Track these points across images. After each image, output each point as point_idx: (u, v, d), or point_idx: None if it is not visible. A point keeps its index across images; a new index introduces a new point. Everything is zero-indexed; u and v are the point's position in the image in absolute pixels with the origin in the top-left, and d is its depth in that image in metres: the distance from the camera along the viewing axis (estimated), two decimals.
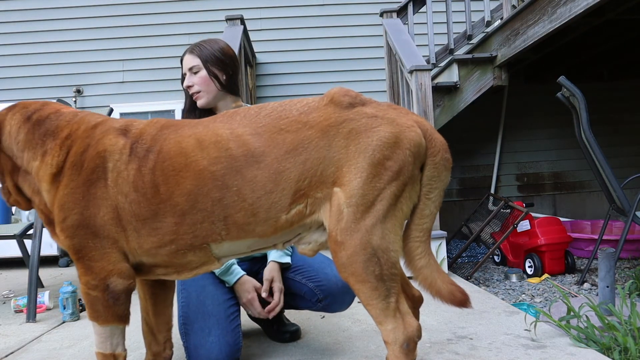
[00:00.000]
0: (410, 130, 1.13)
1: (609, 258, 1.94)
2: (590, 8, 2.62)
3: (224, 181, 1.14)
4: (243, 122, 1.18)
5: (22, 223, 2.51)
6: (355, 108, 1.14)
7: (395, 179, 1.09)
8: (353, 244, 1.08)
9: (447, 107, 3.70)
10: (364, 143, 1.09)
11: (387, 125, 1.11)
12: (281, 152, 1.12)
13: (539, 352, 1.56)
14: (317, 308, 1.66)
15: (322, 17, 4.96)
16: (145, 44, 4.84)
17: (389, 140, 1.10)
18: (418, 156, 1.13)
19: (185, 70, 1.68)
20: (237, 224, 1.15)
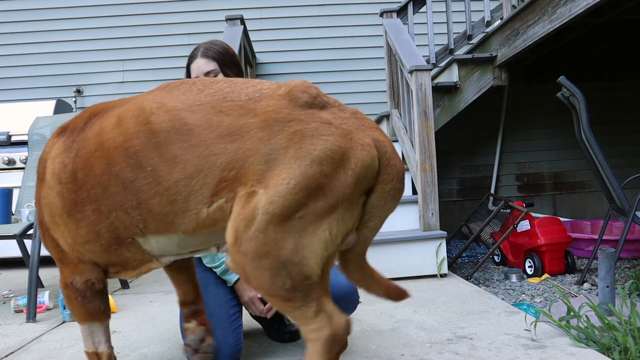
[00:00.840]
0: (362, 149, 0.98)
1: (609, 258, 1.94)
2: (590, 8, 2.62)
3: (137, 159, 1.03)
4: (181, 96, 1.06)
5: (22, 223, 2.51)
6: (311, 109, 1.01)
7: (325, 198, 0.95)
8: (258, 256, 0.95)
9: (447, 107, 3.70)
10: (305, 150, 0.95)
11: (338, 137, 0.97)
12: (213, 134, 0.99)
13: (539, 352, 1.56)
14: None
15: (322, 17, 4.96)
16: (145, 44, 4.84)
17: (334, 154, 0.95)
18: (363, 179, 0.98)
19: (199, 75, 1.65)
20: (153, 214, 1.04)
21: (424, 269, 2.78)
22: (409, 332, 1.84)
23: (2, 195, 2.59)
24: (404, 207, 3.05)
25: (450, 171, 4.88)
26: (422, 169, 2.92)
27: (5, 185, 3.62)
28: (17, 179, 3.50)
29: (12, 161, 3.95)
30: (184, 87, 1.09)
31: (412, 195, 3.19)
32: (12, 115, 4.12)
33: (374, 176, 1.01)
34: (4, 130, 4.01)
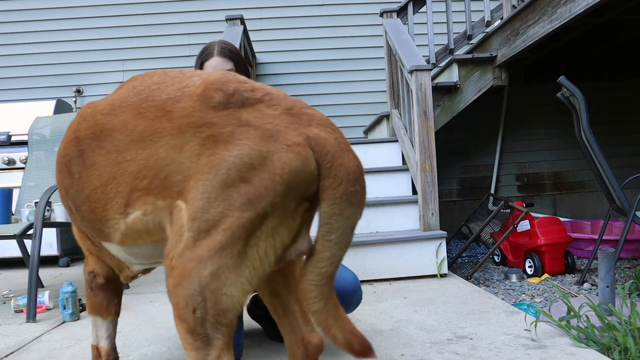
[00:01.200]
0: (289, 151, 0.85)
1: (609, 258, 1.94)
2: (590, 8, 2.62)
3: (69, 167, 1.04)
4: (117, 96, 1.02)
5: (22, 223, 2.51)
6: (226, 110, 0.88)
7: (250, 209, 0.83)
8: (181, 273, 0.85)
9: (447, 107, 3.70)
10: (219, 157, 0.85)
11: (257, 139, 0.85)
12: (126, 140, 0.93)
13: (539, 352, 1.56)
14: None
15: (322, 17, 4.96)
16: (145, 44, 4.84)
17: (252, 160, 0.84)
18: (295, 185, 0.85)
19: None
20: (85, 220, 1.02)
21: (424, 269, 2.78)
22: (409, 332, 1.84)
23: (2, 195, 2.59)
24: (404, 207, 3.06)
25: (450, 171, 4.88)
26: (422, 169, 2.92)
27: (5, 185, 3.63)
28: (17, 179, 3.50)
29: (12, 161, 3.96)
30: (129, 84, 1.04)
31: (412, 195, 3.20)
32: (12, 115, 4.12)
33: (313, 180, 0.87)
34: (4, 130, 4.02)
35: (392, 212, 3.05)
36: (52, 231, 3.83)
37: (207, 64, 1.65)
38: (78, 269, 3.73)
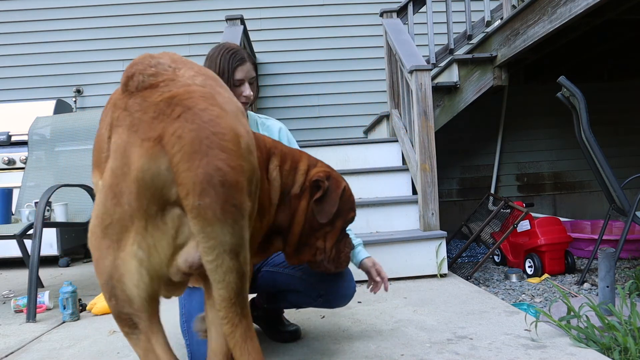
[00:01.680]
0: (140, 147, 0.78)
1: (609, 258, 1.94)
2: (590, 8, 2.62)
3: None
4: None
5: (22, 223, 2.51)
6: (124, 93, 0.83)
7: (119, 205, 0.81)
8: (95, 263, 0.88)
9: (447, 107, 3.70)
10: (96, 149, 0.86)
11: (125, 129, 0.80)
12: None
13: (539, 352, 1.56)
14: (318, 304, 1.66)
15: (322, 17, 4.96)
16: (145, 44, 4.84)
17: (115, 153, 0.80)
18: (144, 185, 0.78)
19: (244, 78, 1.67)
20: None
21: (424, 269, 2.78)
22: (409, 332, 1.84)
23: (2, 195, 2.59)
24: (404, 207, 3.06)
25: (450, 171, 4.88)
26: (422, 169, 2.92)
27: (5, 185, 3.63)
28: (17, 179, 3.50)
29: (12, 161, 3.96)
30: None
31: (412, 195, 3.20)
32: (12, 115, 4.12)
33: (164, 184, 0.78)
34: (4, 130, 4.02)
35: (392, 212, 3.04)
36: (52, 231, 3.83)
37: (240, 69, 1.67)
38: (78, 269, 3.73)
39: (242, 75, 1.67)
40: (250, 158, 0.81)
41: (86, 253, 4.41)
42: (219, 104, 0.82)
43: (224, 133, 0.77)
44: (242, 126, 0.83)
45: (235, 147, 0.77)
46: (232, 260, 0.78)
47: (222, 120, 0.78)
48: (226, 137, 0.76)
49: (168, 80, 0.82)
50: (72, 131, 3.07)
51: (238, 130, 0.79)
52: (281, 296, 1.69)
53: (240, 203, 0.76)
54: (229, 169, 0.74)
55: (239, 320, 0.84)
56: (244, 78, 1.67)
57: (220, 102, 0.83)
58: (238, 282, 0.80)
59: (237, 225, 0.76)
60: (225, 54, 1.68)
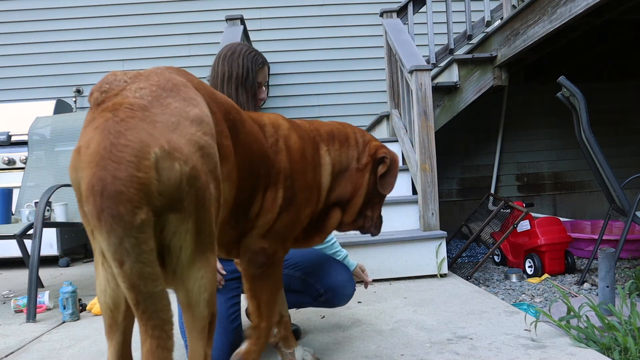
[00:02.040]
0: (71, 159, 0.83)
1: (609, 258, 1.94)
2: (590, 8, 2.62)
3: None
4: None
5: (22, 223, 2.51)
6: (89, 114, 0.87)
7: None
8: None
9: (447, 107, 3.70)
10: None
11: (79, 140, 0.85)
12: None
13: (539, 352, 1.56)
14: (318, 303, 1.67)
15: (322, 17, 4.96)
16: (145, 44, 4.84)
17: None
18: (79, 197, 0.81)
19: (262, 81, 1.72)
20: None
21: (424, 269, 2.78)
22: (409, 332, 1.84)
23: (2, 195, 2.59)
24: (404, 207, 3.05)
25: (450, 171, 4.88)
26: (422, 169, 2.92)
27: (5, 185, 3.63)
28: (17, 179, 3.50)
29: (12, 161, 3.95)
30: None
31: (412, 195, 3.19)
32: (12, 115, 4.12)
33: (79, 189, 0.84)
34: (4, 130, 4.02)
35: (392, 212, 3.04)
36: (52, 231, 3.83)
37: (261, 71, 1.71)
38: (78, 269, 3.73)
39: (262, 78, 1.72)
40: (165, 171, 0.80)
41: (86, 253, 4.41)
42: (144, 116, 0.82)
43: (126, 145, 0.77)
44: (167, 136, 0.82)
45: (133, 158, 0.76)
46: (117, 269, 0.76)
47: (133, 131, 0.79)
48: (126, 149, 0.76)
49: (113, 95, 0.85)
50: (72, 131, 3.07)
51: (148, 142, 0.79)
52: None
53: (120, 213, 0.74)
54: (112, 180, 0.74)
55: (144, 339, 0.82)
56: (262, 81, 1.72)
57: (153, 113, 0.83)
58: (130, 294, 0.78)
59: (113, 235, 0.75)
60: (248, 55, 1.69)
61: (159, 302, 0.80)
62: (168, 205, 0.81)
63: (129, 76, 0.92)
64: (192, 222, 0.84)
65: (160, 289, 0.80)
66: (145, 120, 0.81)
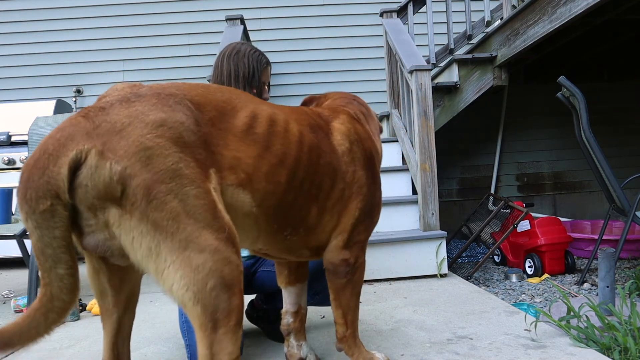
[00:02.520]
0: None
1: (609, 258, 1.94)
2: (590, 8, 2.62)
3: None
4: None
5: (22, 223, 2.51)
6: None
7: None
8: None
9: (447, 107, 3.70)
10: None
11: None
12: None
13: (539, 352, 1.56)
14: (315, 302, 1.67)
15: (322, 17, 4.96)
16: (145, 44, 4.84)
17: None
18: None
19: (266, 81, 1.75)
20: None
21: (424, 269, 2.78)
22: (409, 332, 1.84)
23: (2, 195, 2.59)
24: (404, 207, 3.05)
25: (450, 171, 4.88)
26: (422, 169, 2.92)
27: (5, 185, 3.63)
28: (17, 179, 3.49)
29: (12, 161, 3.95)
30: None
31: (412, 195, 3.19)
32: (12, 115, 4.12)
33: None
34: (4, 130, 4.01)
35: (392, 212, 3.04)
36: None
37: (265, 71, 1.74)
38: None
39: (266, 78, 1.74)
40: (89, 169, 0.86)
41: None
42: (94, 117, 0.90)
43: (58, 139, 0.87)
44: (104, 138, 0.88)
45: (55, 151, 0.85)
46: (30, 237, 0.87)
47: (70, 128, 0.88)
48: (55, 143, 0.86)
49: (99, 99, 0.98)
50: None
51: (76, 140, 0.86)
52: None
53: (27, 197, 0.84)
54: (31, 167, 0.85)
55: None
56: (266, 81, 1.74)
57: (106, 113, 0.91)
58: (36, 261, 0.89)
59: (23, 211, 0.85)
60: (253, 54, 1.71)
61: (56, 281, 0.87)
62: (101, 200, 0.87)
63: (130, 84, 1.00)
64: (137, 220, 0.87)
65: (60, 272, 0.87)
66: (92, 120, 0.89)
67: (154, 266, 0.89)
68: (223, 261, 0.91)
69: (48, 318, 0.87)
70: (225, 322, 0.91)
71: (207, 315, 0.90)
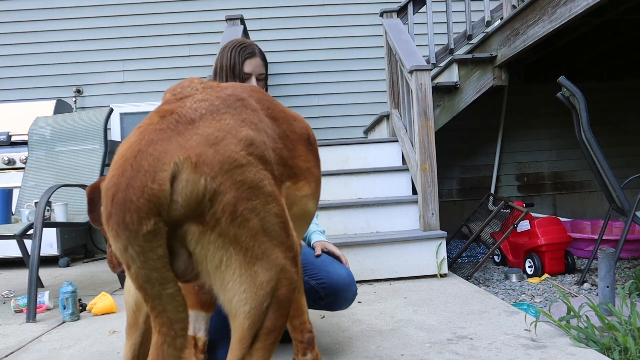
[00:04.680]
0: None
1: (609, 258, 1.94)
2: (590, 8, 2.62)
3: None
4: None
5: (22, 223, 2.51)
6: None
7: None
8: None
9: (447, 107, 3.70)
10: None
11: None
12: None
13: (539, 352, 1.56)
14: (319, 306, 1.66)
15: (322, 17, 4.96)
16: (145, 44, 4.84)
17: None
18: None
19: (252, 72, 1.71)
20: None
21: (424, 269, 2.78)
22: (409, 332, 1.84)
23: (2, 195, 2.59)
24: (404, 207, 3.06)
25: (450, 171, 4.88)
26: (422, 169, 2.92)
27: (5, 185, 3.63)
28: (17, 179, 3.50)
29: (12, 161, 3.96)
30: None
31: (412, 195, 3.20)
32: (12, 115, 4.12)
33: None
34: (4, 130, 4.02)
35: (392, 212, 3.04)
36: (52, 231, 3.83)
37: (249, 62, 1.71)
38: (78, 269, 3.73)
39: (250, 69, 1.70)
40: (184, 184, 0.80)
41: (86, 253, 4.41)
42: (185, 128, 0.83)
43: (151, 154, 0.78)
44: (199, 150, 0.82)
45: (151, 168, 0.77)
46: (126, 271, 0.79)
47: (163, 142, 0.80)
48: (149, 158, 0.78)
49: (177, 99, 0.90)
50: (72, 131, 3.07)
51: (171, 153, 0.80)
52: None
53: (125, 222, 0.75)
54: (125, 187, 0.75)
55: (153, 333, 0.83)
56: (252, 72, 1.70)
57: (198, 126, 0.85)
58: (139, 293, 0.80)
59: (119, 241, 0.76)
60: (237, 47, 1.73)
61: (169, 303, 0.80)
62: (187, 216, 0.82)
63: (203, 85, 0.94)
64: (217, 235, 0.84)
65: (170, 292, 0.80)
66: (183, 133, 0.83)
67: (221, 278, 0.86)
68: (285, 281, 0.90)
69: (177, 346, 0.82)
70: (263, 339, 0.89)
71: (252, 330, 0.88)
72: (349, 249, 2.71)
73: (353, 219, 3.03)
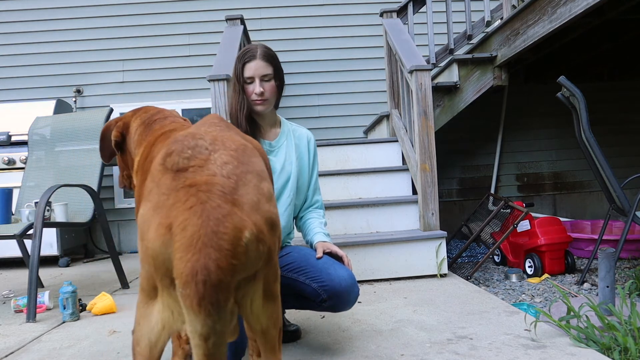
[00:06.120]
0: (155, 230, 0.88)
1: (609, 258, 1.94)
2: (590, 8, 2.62)
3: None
4: None
5: (22, 223, 2.51)
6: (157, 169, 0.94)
7: (142, 266, 0.94)
8: None
9: (447, 107, 3.70)
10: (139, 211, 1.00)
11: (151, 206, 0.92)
12: None
13: (539, 352, 1.56)
14: (321, 309, 1.65)
15: (322, 17, 4.96)
16: (145, 44, 4.84)
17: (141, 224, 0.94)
18: (156, 263, 0.88)
19: (254, 75, 1.69)
20: None
21: (424, 269, 2.78)
22: (409, 332, 1.84)
23: (2, 195, 2.59)
24: (404, 207, 3.06)
25: (450, 171, 4.88)
26: (422, 169, 2.92)
27: (5, 185, 3.63)
28: (17, 179, 3.50)
29: (12, 161, 3.96)
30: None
31: (412, 195, 3.20)
32: (12, 115, 4.12)
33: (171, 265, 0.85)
34: (4, 130, 4.02)
35: (392, 212, 3.04)
36: (52, 231, 3.84)
37: (248, 66, 1.69)
38: (78, 269, 3.74)
39: (251, 72, 1.69)
40: (251, 253, 0.85)
41: (86, 253, 4.42)
42: (234, 199, 0.87)
43: (225, 233, 0.81)
44: (253, 218, 0.87)
45: (231, 246, 0.81)
46: (200, 342, 0.81)
47: (229, 218, 0.83)
48: (225, 237, 0.81)
49: (197, 166, 0.89)
50: (72, 131, 3.07)
51: (243, 228, 0.84)
52: (284, 300, 1.68)
53: (218, 301, 0.79)
54: (215, 269, 0.78)
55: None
56: (254, 75, 1.69)
57: (240, 194, 0.89)
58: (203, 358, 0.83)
59: (209, 319, 0.79)
60: (239, 55, 1.74)
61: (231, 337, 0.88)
62: (246, 278, 0.89)
63: (208, 142, 0.96)
64: (260, 283, 0.93)
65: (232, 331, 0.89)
66: (236, 205, 0.86)
67: (259, 314, 0.97)
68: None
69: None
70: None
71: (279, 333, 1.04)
72: (349, 249, 2.71)
73: (353, 219, 3.03)
